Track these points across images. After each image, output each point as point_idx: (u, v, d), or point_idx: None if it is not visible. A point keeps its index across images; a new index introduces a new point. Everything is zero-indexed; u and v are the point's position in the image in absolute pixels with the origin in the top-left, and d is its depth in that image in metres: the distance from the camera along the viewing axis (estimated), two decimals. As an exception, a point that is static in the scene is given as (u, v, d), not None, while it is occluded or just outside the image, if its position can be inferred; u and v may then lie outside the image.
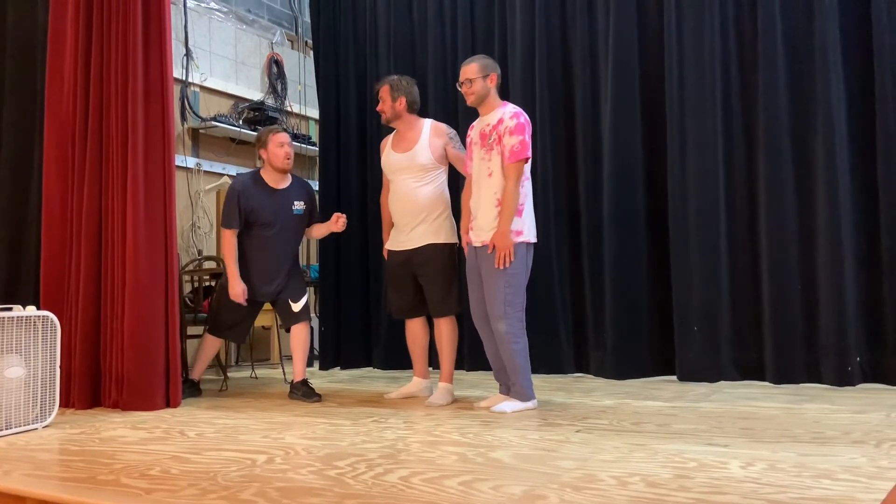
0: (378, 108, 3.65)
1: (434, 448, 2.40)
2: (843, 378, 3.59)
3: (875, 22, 3.63)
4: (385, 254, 3.74)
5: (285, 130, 3.87)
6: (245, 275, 3.74)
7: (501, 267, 3.12)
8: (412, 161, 3.54)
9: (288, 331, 3.84)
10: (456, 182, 3.91)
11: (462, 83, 3.30)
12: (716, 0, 3.97)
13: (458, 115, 4.56)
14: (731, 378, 3.87)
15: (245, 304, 3.71)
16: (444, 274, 3.53)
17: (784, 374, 3.73)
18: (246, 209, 3.72)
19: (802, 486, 1.82)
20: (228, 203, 3.74)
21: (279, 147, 3.77)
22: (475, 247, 3.27)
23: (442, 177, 3.62)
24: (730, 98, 3.97)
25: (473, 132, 3.35)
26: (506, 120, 3.19)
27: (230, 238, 3.72)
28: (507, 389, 3.27)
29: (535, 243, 3.26)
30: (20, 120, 4.12)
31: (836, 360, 3.61)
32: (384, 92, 3.61)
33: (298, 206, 3.83)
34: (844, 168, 3.67)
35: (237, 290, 3.68)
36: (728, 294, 3.91)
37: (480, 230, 3.23)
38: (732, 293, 3.91)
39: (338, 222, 3.75)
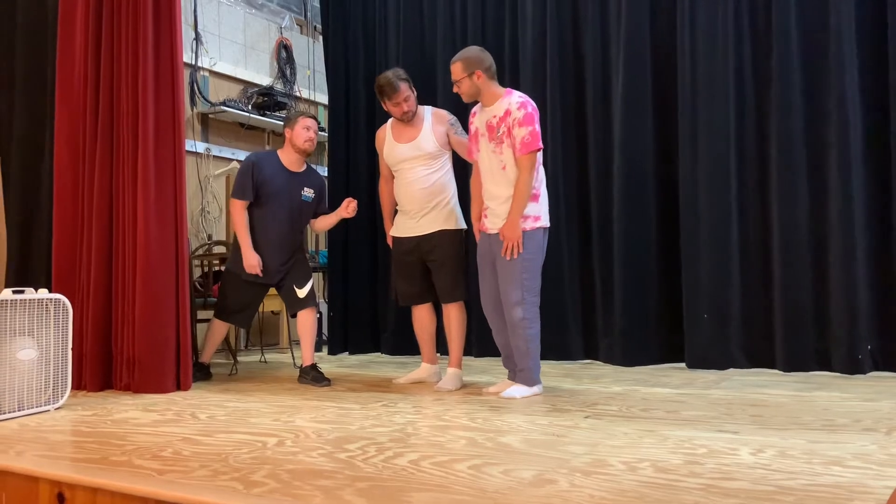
0: (407, 109, 3.53)
1: (444, 432, 2.40)
2: (853, 366, 3.57)
3: (891, 8, 3.58)
4: (389, 241, 3.73)
5: (313, 117, 3.87)
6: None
7: (509, 258, 3.12)
8: (419, 149, 3.53)
9: (294, 317, 3.85)
10: (459, 169, 3.88)
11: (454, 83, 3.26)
12: (729, -14, 3.94)
13: (467, 103, 4.53)
14: (741, 366, 3.87)
15: (261, 274, 3.70)
16: (455, 260, 3.53)
17: (794, 362, 3.72)
18: (258, 182, 3.72)
19: (812, 473, 1.82)
20: (242, 174, 3.74)
21: (304, 130, 3.77)
22: (490, 234, 3.26)
23: (448, 163, 3.61)
24: (742, 86, 3.94)
25: (478, 121, 3.29)
26: (513, 111, 3.14)
27: (241, 209, 3.72)
28: (511, 376, 3.28)
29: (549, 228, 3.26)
30: (31, 104, 4.13)
31: (846, 348, 3.60)
32: (407, 89, 3.53)
33: (308, 192, 3.84)
34: (857, 155, 3.64)
35: (252, 260, 3.66)
36: (738, 281, 3.89)
37: (498, 219, 3.20)
38: (742, 280, 3.90)
39: (348, 207, 3.74)
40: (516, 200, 3.12)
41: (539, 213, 3.17)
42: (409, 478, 1.85)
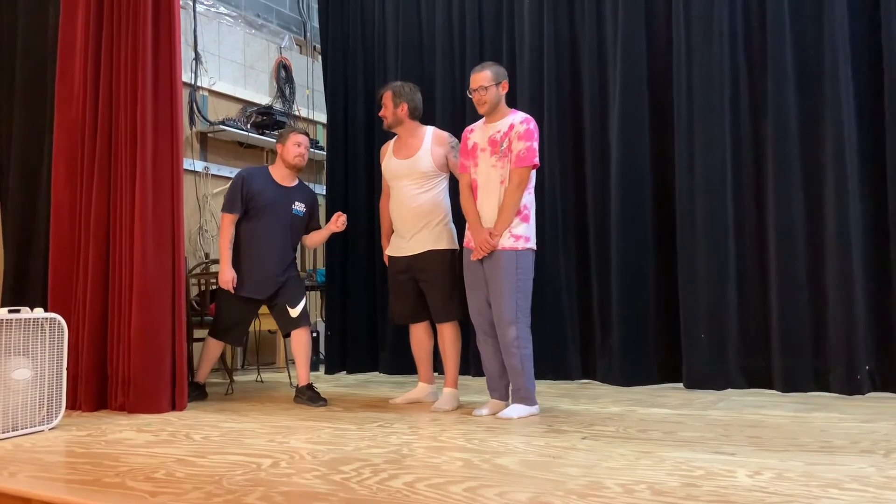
0: (380, 114, 3.67)
1: (439, 454, 2.39)
2: (851, 387, 3.56)
3: (885, 26, 3.61)
4: (385, 260, 3.74)
5: (305, 133, 3.91)
6: (239, 269, 3.74)
7: (474, 258, 3.21)
8: (413, 168, 3.55)
9: (287, 336, 3.84)
10: (457, 190, 3.91)
11: (475, 90, 3.28)
12: (724, 7, 3.97)
13: (466, 121, 4.55)
14: (739, 386, 3.85)
15: (233, 291, 3.71)
16: (446, 280, 3.53)
17: (792, 383, 3.70)
18: (247, 196, 3.75)
19: (810, 496, 1.80)
20: (232, 188, 3.78)
21: (296, 146, 3.83)
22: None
23: (443, 184, 3.62)
24: (738, 104, 3.96)
25: (477, 137, 3.31)
26: (516, 125, 3.21)
27: (228, 224, 3.75)
28: (500, 395, 3.28)
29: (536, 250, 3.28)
30: (30, 122, 4.14)
31: (844, 368, 3.59)
32: (386, 98, 3.62)
33: (299, 206, 3.85)
34: (854, 174, 3.65)
35: (227, 276, 3.69)
36: (736, 301, 3.89)
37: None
38: (740, 300, 3.89)
39: (337, 221, 3.76)
40: (503, 211, 3.16)
41: (529, 235, 3.21)
42: (404, 500, 1.83)
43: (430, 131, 3.65)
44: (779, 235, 3.78)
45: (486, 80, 3.26)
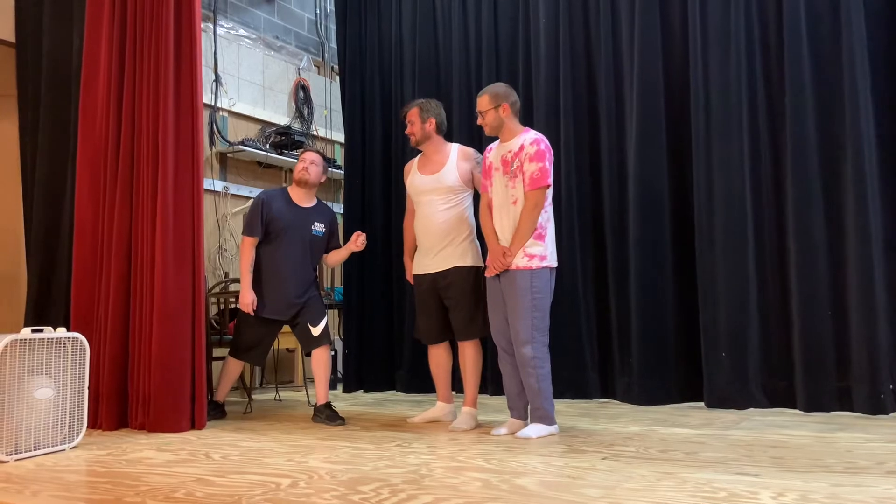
0: (407, 132, 3.68)
1: (458, 474, 2.38)
2: (875, 406, 3.51)
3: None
4: (409, 278, 3.75)
5: (317, 152, 3.97)
6: (260, 291, 3.77)
7: (489, 275, 3.23)
8: (439, 183, 3.56)
9: (308, 355, 3.85)
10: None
11: (478, 115, 3.34)
12: (741, 22, 3.96)
13: (482, 140, 4.58)
14: (761, 405, 3.80)
15: (253, 314, 3.73)
16: (470, 297, 3.52)
17: (815, 402, 3.65)
18: (267, 218, 3.78)
19: (836, 519, 1.78)
20: (252, 211, 3.83)
21: (300, 161, 3.90)
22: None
23: (468, 200, 3.63)
24: (756, 120, 3.95)
25: (492, 156, 3.35)
26: (526, 146, 3.22)
27: (248, 247, 3.79)
28: (519, 415, 3.27)
29: (556, 268, 3.26)
30: (54, 143, 4.21)
31: (867, 387, 3.53)
32: (413, 115, 3.65)
33: (318, 227, 3.88)
34: (874, 191, 3.62)
35: (247, 299, 3.71)
36: (757, 320, 3.85)
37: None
38: (761, 319, 3.85)
39: (357, 241, 3.78)
40: (518, 233, 3.17)
41: (545, 253, 3.20)
42: (423, 521, 1.83)
43: (455, 147, 3.68)
44: (799, 253, 3.75)
45: (482, 106, 3.32)
